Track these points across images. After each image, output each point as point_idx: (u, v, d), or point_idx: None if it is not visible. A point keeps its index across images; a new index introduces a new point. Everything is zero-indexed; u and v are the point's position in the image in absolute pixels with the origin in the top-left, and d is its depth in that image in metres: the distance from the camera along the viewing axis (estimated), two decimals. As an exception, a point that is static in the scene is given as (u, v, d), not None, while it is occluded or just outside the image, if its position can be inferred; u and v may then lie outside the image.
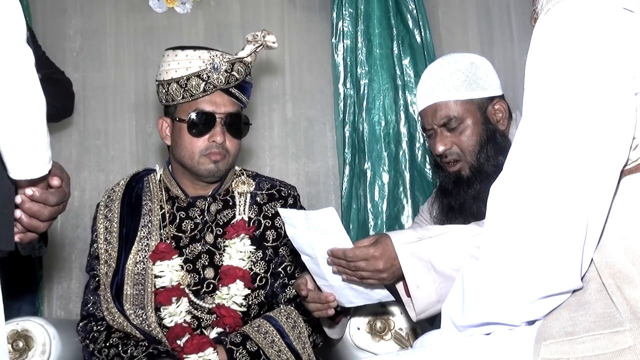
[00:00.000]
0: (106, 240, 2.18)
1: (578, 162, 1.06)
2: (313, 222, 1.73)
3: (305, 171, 3.49)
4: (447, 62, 2.11)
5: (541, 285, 1.11)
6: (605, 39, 1.07)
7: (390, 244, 1.73)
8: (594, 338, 1.06)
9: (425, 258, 1.71)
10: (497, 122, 2.09)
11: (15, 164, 1.22)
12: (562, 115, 1.08)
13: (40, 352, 2.12)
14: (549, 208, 1.07)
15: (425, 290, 1.71)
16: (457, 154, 2.10)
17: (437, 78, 2.10)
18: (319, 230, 1.74)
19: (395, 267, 1.72)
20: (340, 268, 1.76)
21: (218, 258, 2.14)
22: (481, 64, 2.10)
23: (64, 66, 3.28)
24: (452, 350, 1.24)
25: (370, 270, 1.72)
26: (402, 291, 1.79)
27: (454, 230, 1.77)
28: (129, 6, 3.53)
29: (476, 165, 2.07)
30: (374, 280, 1.75)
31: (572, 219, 1.07)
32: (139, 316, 2.08)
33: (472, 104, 2.07)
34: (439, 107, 2.08)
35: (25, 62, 1.18)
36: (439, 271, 1.71)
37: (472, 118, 2.06)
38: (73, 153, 3.43)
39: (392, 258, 1.72)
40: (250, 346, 2.01)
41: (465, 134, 2.07)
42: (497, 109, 2.09)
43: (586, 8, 1.09)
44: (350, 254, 1.72)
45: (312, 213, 1.73)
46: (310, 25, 3.55)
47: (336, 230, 1.72)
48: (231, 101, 2.14)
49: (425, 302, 1.72)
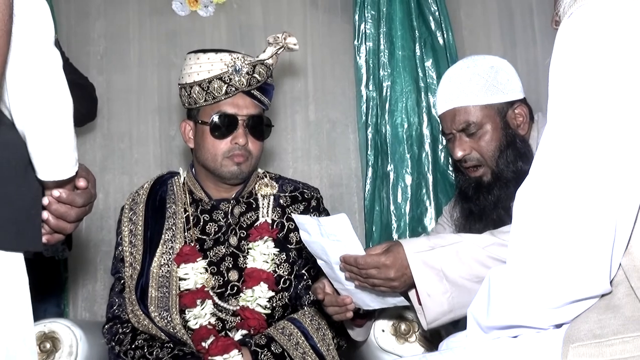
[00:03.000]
0: (131, 243, 2.19)
1: (605, 166, 1.05)
2: (326, 228, 1.73)
3: (328, 173, 3.49)
4: (467, 66, 2.09)
5: (570, 289, 1.09)
6: (630, 42, 1.06)
7: (402, 253, 1.72)
8: (622, 341, 1.05)
9: (437, 267, 1.70)
10: (517, 126, 2.07)
11: (44, 166, 1.23)
12: (588, 119, 1.07)
13: (67, 353, 2.13)
14: (577, 212, 1.06)
15: (437, 299, 1.70)
16: (477, 160, 2.09)
17: (456, 82, 2.09)
18: (331, 237, 1.73)
19: (407, 276, 1.71)
20: (352, 275, 1.75)
21: (242, 260, 2.15)
22: (502, 67, 2.08)
23: (88, 69, 3.31)
24: (479, 353, 1.23)
25: (381, 279, 1.71)
26: (414, 299, 1.78)
27: (467, 239, 1.75)
28: (152, 9, 3.55)
29: (497, 171, 2.06)
30: (385, 288, 1.74)
31: (601, 223, 1.05)
32: (164, 318, 2.09)
33: (491, 109, 2.06)
34: (458, 112, 2.07)
35: (54, 64, 1.19)
36: (450, 280, 1.70)
37: (491, 123, 2.05)
38: (97, 156, 3.45)
39: (403, 267, 1.71)
40: (274, 348, 2.01)
41: (485, 139, 2.06)
42: (517, 113, 2.07)
43: (610, 11, 1.08)
44: (361, 261, 1.71)
45: (325, 219, 1.72)
46: (333, 28, 3.55)
47: (348, 237, 1.71)
48: (253, 103, 2.14)
49: (437, 311, 1.71)
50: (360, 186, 3.44)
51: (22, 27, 1.12)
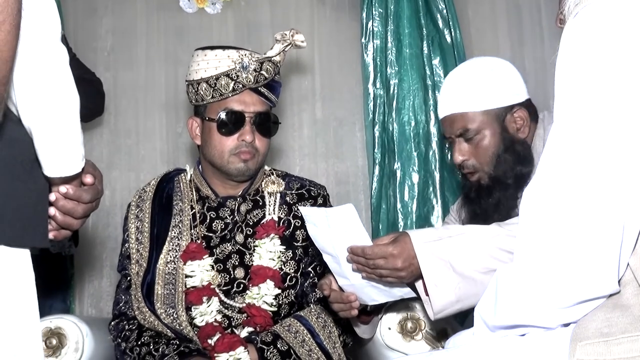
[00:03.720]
0: (137, 240, 2.19)
1: (612, 166, 1.05)
2: (332, 219, 1.73)
3: (334, 171, 3.49)
4: (467, 71, 2.11)
5: (578, 290, 1.09)
6: (634, 41, 1.06)
7: (410, 243, 1.72)
8: (630, 340, 1.05)
9: (444, 258, 1.70)
10: (516, 130, 2.07)
11: (50, 162, 1.23)
12: (594, 119, 1.07)
13: (73, 349, 2.13)
14: (585, 212, 1.06)
15: (444, 289, 1.69)
16: (473, 166, 2.10)
17: (455, 88, 2.10)
18: (338, 228, 1.74)
19: (414, 266, 1.71)
20: (360, 266, 1.76)
21: (248, 258, 2.15)
22: (502, 71, 2.08)
23: (95, 65, 3.31)
24: (486, 351, 1.23)
25: (388, 269, 1.71)
26: (421, 290, 1.78)
27: (475, 230, 1.76)
28: (159, 6, 3.56)
29: (494, 175, 2.07)
30: (393, 279, 1.74)
31: (608, 223, 1.05)
32: (170, 315, 2.09)
33: (489, 115, 2.06)
34: (456, 118, 2.09)
35: (60, 60, 1.19)
36: (458, 271, 1.70)
37: (489, 129, 2.06)
38: (104, 152, 3.46)
39: (410, 257, 1.71)
40: (281, 345, 2.01)
41: (482, 145, 2.07)
42: (516, 117, 2.07)
43: (616, 11, 1.08)
44: (369, 251, 1.71)
45: (332, 210, 1.73)
46: (340, 25, 3.55)
47: (355, 228, 1.72)
48: (260, 100, 2.14)
49: (444, 302, 1.71)
50: (367, 184, 3.44)
51: (29, 23, 1.12)
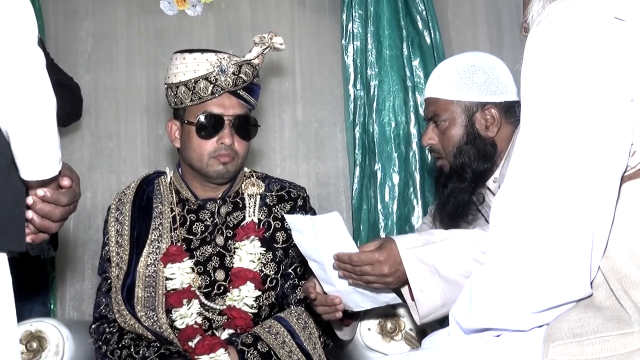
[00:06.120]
0: (117, 243, 2.19)
1: (579, 171, 1.06)
2: (318, 227, 1.74)
3: (315, 172, 3.50)
4: (457, 60, 2.13)
5: (551, 295, 1.11)
6: (597, 48, 1.08)
7: (395, 249, 1.74)
8: (602, 340, 1.06)
9: (429, 263, 1.72)
10: (484, 127, 2.08)
11: (27, 165, 1.23)
12: (560, 125, 1.08)
13: (53, 352, 2.13)
14: (554, 218, 1.07)
15: (430, 294, 1.72)
16: (438, 152, 2.14)
17: (436, 73, 2.15)
18: (324, 235, 1.74)
19: (400, 272, 1.73)
20: (346, 273, 1.77)
21: (228, 260, 2.15)
22: (485, 68, 2.08)
23: (76, 68, 3.30)
24: (462, 351, 1.24)
25: (375, 275, 1.73)
26: (407, 295, 1.80)
27: (459, 235, 1.78)
28: (140, 9, 3.55)
29: (453, 166, 2.10)
30: (379, 285, 1.76)
31: (578, 228, 1.07)
32: (150, 318, 2.09)
33: (458, 106, 2.09)
34: (431, 101, 2.14)
35: (36, 63, 1.19)
36: (443, 276, 1.72)
37: (457, 119, 2.09)
38: (85, 155, 3.45)
39: (397, 263, 1.73)
40: (261, 347, 2.02)
41: (448, 133, 2.10)
42: (487, 115, 2.08)
43: (578, 19, 1.09)
44: (355, 258, 1.73)
45: (317, 218, 1.74)
46: (320, 27, 3.56)
47: (341, 235, 1.73)
48: (239, 103, 2.14)
49: (429, 306, 1.73)
50: (347, 185, 3.45)
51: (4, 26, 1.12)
